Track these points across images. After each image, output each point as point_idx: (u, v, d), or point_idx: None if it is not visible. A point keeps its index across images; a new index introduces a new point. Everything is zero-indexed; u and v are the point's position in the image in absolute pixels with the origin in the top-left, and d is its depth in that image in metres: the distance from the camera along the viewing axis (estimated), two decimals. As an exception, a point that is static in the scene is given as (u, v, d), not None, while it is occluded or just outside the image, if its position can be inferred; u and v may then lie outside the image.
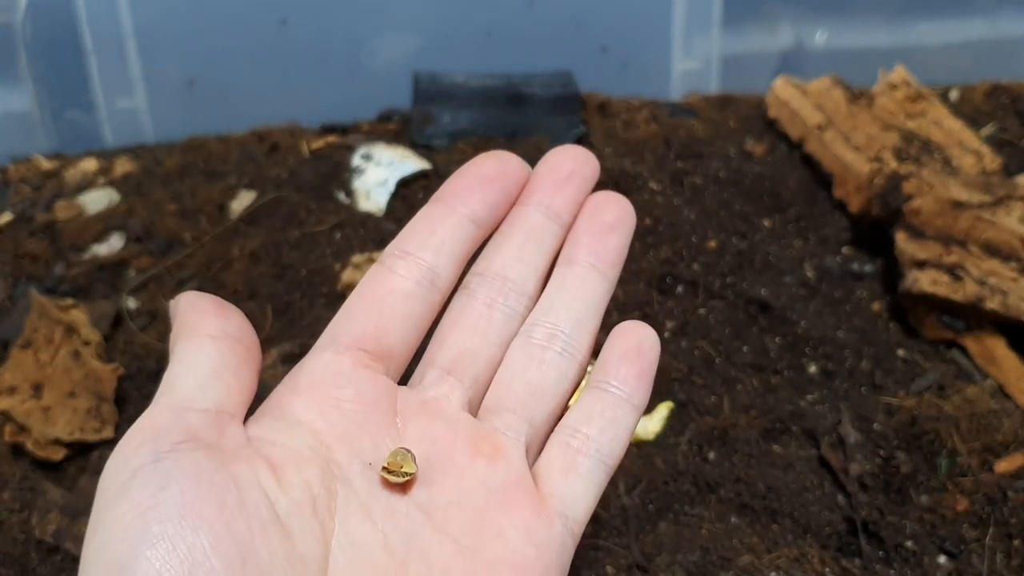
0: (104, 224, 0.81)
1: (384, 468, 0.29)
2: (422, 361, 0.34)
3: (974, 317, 0.69)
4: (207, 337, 0.29)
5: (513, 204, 0.35)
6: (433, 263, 0.33)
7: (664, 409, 0.64)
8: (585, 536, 0.57)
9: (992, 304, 0.67)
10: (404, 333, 0.33)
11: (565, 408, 0.34)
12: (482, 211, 0.34)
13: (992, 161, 0.80)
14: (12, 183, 0.87)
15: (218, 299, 0.31)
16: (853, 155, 0.81)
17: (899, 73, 0.87)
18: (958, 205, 0.71)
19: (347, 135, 0.91)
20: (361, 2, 0.92)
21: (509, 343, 0.34)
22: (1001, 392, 0.65)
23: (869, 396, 0.65)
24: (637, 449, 0.62)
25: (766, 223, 0.80)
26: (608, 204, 0.35)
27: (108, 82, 0.89)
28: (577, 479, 0.32)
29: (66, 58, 0.88)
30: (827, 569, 0.55)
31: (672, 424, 0.64)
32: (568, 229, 0.36)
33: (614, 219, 0.35)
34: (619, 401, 0.33)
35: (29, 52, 0.86)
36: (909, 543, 0.56)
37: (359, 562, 0.27)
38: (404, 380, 0.33)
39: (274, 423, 0.30)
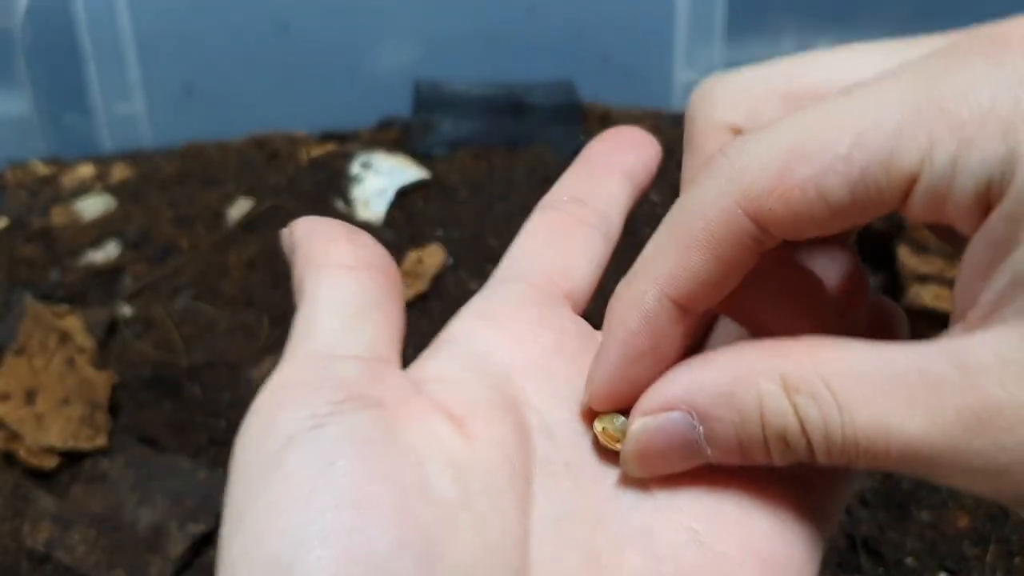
0: (100, 230, 0.81)
1: (600, 429, 0.23)
2: None
3: (976, 332, 0.68)
4: (342, 268, 0.24)
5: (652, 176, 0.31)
6: (606, 212, 0.28)
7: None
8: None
9: (994, 319, 0.67)
10: (589, 274, 0.27)
11: None
12: (637, 169, 0.30)
13: (995, 174, 0.80)
14: (8, 188, 0.87)
15: (344, 223, 0.25)
16: (855, 167, 0.80)
17: (902, 85, 0.86)
18: (960, 219, 0.71)
19: (346, 143, 0.91)
20: (362, 9, 0.92)
21: None
22: (1003, 408, 0.65)
23: (870, 411, 0.65)
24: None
25: (767, 235, 0.80)
26: None
27: (106, 87, 0.89)
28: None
29: (64, 63, 0.87)
30: (826, 586, 0.54)
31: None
32: None
33: None
34: None
35: (27, 57, 0.86)
36: (909, 560, 0.56)
37: (567, 544, 0.21)
38: None
39: (450, 354, 0.24)
